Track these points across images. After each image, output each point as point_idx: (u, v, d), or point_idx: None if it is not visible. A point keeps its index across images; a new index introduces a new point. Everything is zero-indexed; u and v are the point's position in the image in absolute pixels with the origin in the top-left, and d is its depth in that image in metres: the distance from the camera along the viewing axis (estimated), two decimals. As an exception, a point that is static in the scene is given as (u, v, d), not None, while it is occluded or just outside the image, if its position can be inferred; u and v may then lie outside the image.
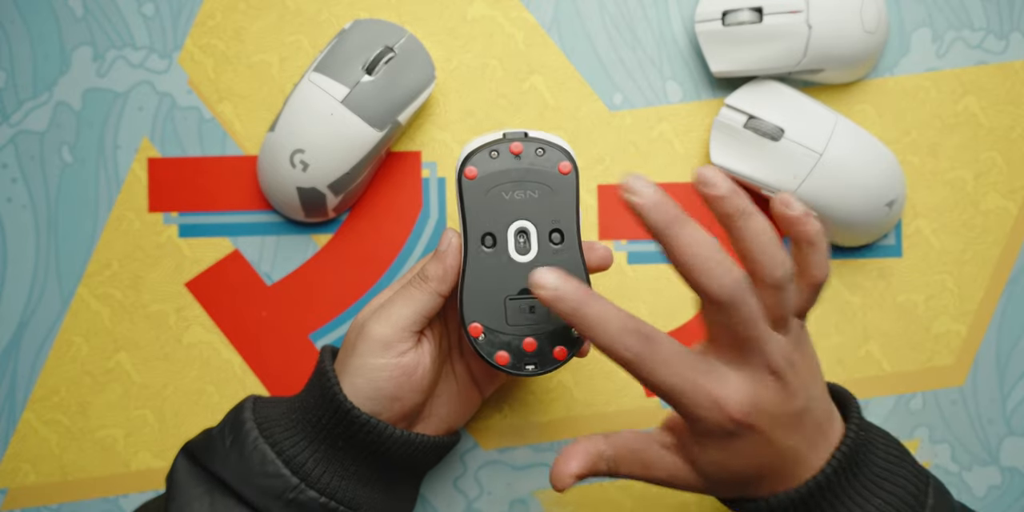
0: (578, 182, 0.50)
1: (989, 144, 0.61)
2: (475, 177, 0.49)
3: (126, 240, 0.61)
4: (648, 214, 0.42)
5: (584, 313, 0.43)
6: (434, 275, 0.51)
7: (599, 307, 0.43)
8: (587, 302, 0.43)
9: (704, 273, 0.42)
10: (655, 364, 0.43)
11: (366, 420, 0.50)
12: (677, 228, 0.42)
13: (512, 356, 0.49)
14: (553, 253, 0.50)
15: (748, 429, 0.44)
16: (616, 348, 0.43)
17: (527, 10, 0.62)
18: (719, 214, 0.43)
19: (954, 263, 0.61)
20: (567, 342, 0.50)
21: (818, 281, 0.46)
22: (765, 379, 0.44)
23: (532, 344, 0.49)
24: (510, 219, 0.50)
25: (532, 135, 0.50)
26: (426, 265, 0.51)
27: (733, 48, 0.58)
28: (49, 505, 0.61)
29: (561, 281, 0.43)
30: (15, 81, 0.62)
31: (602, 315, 0.43)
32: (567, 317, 0.43)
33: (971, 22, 0.61)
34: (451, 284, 0.51)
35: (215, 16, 0.62)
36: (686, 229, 0.42)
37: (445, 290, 0.51)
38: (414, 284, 0.51)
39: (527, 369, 0.50)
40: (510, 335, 0.49)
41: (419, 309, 0.51)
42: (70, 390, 0.61)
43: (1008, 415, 0.61)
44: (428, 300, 0.51)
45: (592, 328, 0.43)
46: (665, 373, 0.43)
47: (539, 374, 0.50)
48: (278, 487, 0.50)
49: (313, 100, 0.57)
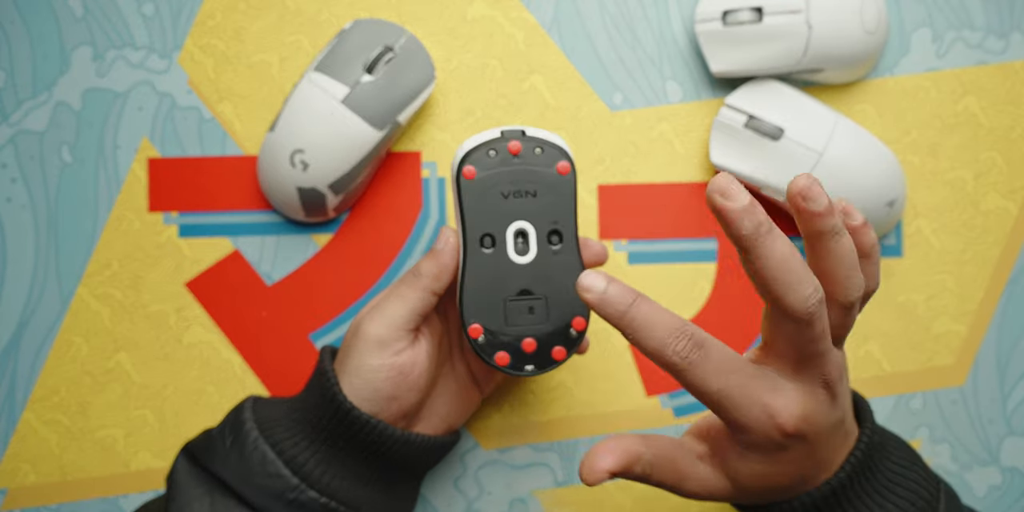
0: (576, 182, 0.50)
1: (989, 144, 0.61)
2: (473, 177, 0.49)
3: (126, 240, 0.61)
4: (740, 221, 0.40)
5: (632, 317, 0.42)
6: (428, 272, 0.51)
7: (647, 309, 0.42)
8: (635, 305, 0.42)
9: (790, 287, 0.41)
10: (706, 371, 0.42)
11: (366, 420, 0.50)
12: (766, 238, 0.40)
13: (512, 356, 0.49)
14: (552, 254, 0.50)
15: (798, 441, 0.43)
16: (665, 353, 0.42)
17: (527, 10, 0.62)
18: (811, 231, 0.41)
19: (954, 263, 0.61)
20: (566, 342, 0.50)
21: (869, 292, 0.46)
22: (818, 392, 0.43)
23: (531, 344, 0.49)
24: (509, 220, 0.49)
25: (530, 133, 0.50)
26: (421, 262, 0.51)
27: (733, 48, 0.58)
28: (49, 505, 0.61)
29: (608, 284, 0.42)
30: (15, 81, 0.62)
31: (650, 318, 0.42)
32: (614, 321, 0.42)
33: (971, 22, 0.62)
34: (446, 282, 0.51)
35: (215, 16, 0.62)
36: (776, 241, 0.40)
37: (439, 288, 0.51)
38: (407, 282, 0.51)
39: (527, 369, 0.50)
40: (509, 336, 0.49)
41: (412, 307, 0.51)
42: (70, 390, 0.61)
43: (1008, 415, 0.61)
44: (421, 298, 0.51)
45: (638, 331, 0.42)
46: (717, 380, 0.42)
47: (538, 374, 0.50)
48: (278, 487, 0.50)
49: (313, 100, 0.57)
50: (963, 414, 0.61)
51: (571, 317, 0.50)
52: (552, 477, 0.61)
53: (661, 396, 0.61)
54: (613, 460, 0.44)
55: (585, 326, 0.50)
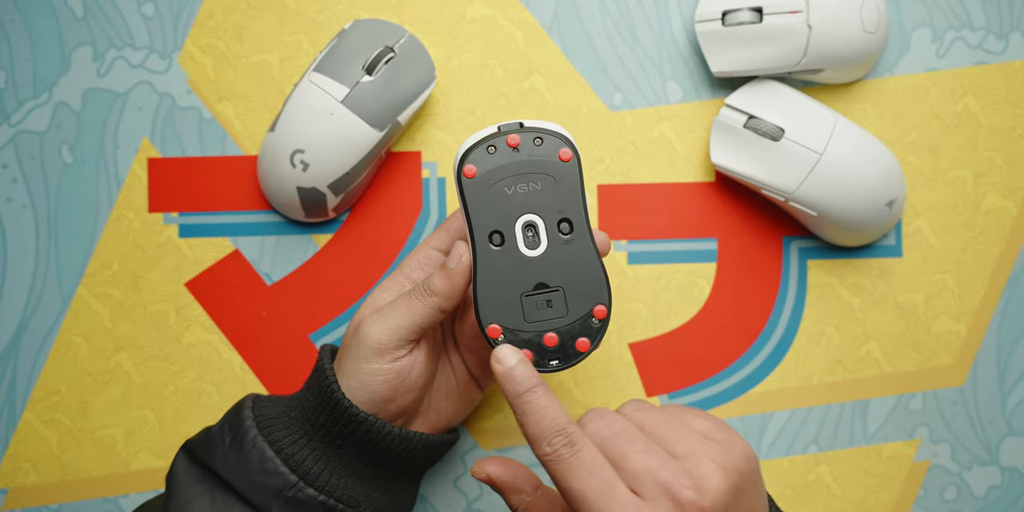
0: (580, 168, 0.49)
1: (989, 144, 0.61)
2: (475, 175, 0.48)
3: (126, 240, 0.61)
4: None
5: (526, 401, 0.45)
6: (440, 292, 0.50)
7: (542, 399, 0.45)
8: (534, 390, 0.45)
9: None
10: (570, 469, 0.44)
11: (364, 418, 0.50)
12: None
13: (535, 353, 0.48)
14: (564, 244, 0.48)
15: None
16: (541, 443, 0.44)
17: (527, 10, 0.62)
18: None
19: (954, 263, 0.61)
20: (588, 333, 0.49)
21: None
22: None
23: (553, 339, 0.48)
24: (516, 214, 0.48)
25: (528, 125, 0.49)
26: (433, 278, 0.50)
27: (733, 48, 0.58)
28: (49, 505, 0.61)
29: (519, 362, 0.46)
30: (15, 81, 0.62)
31: (541, 407, 0.45)
32: (511, 398, 0.46)
33: (971, 22, 0.62)
34: (456, 301, 0.50)
35: (215, 16, 0.62)
36: None
37: (449, 307, 0.50)
38: (418, 295, 0.50)
39: (551, 365, 0.49)
40: (530, 332, 0.48)
41: (419, 321, 0.50)
42: (70, 390, 0.61)
43: (1008, 415, 0.61)
44: (430, 315, 0.50)
45: (527, 415, 0.45)
46: (577, 480, 0.43)
47: (564, 369, 0.49)
48: (277, 485, 0.50)
49: (313, 100, 0.57)
50: (963, 414, 0.61)
51: (592, 306, 0.48)
52: (552, 477, 0.61)
53: (661, 396, 0.61)
54: (501, 472, 0.48)
55: (607, 314, 0.49)
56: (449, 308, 0.50)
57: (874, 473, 0.60)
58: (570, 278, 0.49)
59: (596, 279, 0.49)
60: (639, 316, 0.61)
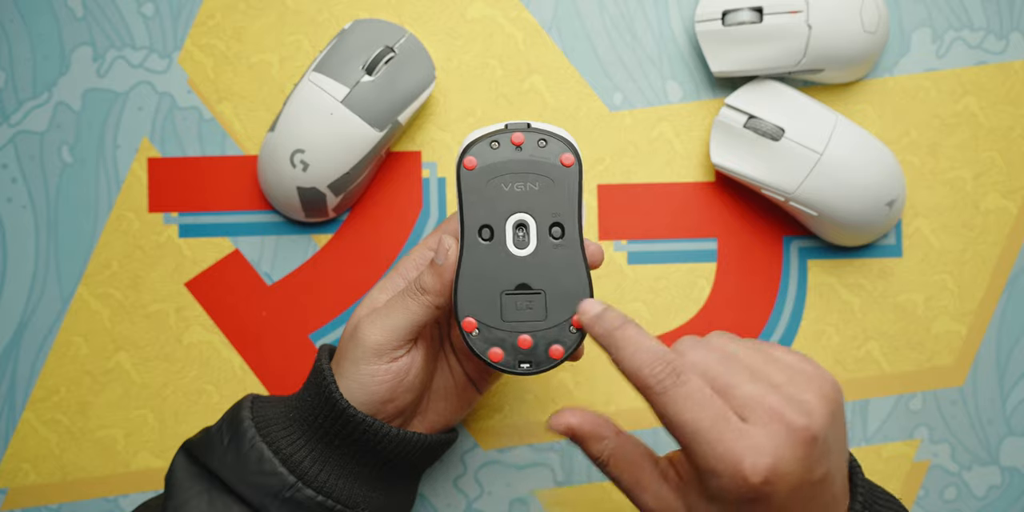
0: (581, 175, 0.48)
1: (989, 144, 0.61)
2: (474, 167, 0.48)
3: (126, 240, 0.61)
4: None
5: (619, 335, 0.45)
6: (432, 289, 0.50)
7: (634, 331, 0.44)
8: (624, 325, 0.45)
9: None
10: (679, 399, 0.42)
11: (362, 419, 0.50)
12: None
13: (506, 353, 0.48)
14: (553, 248, 0.48)
15: (766, 497, 0.42)
16: (642, 373, 0.43)
17: (527, 10, 0.62)
18: None
19: (954, 263, 0.61)
20: (564, 341, 0.48)
21: None
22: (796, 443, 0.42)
23: (527, 341, 0.48)
24: (509, 211, 0.48)
25: (535, 126, 0.49)
26: (423, 276, 0.50)
27: (733, 48, 0.58)
28: (49, 505, 0.61)
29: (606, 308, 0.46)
30: (15, 81, 0.62)
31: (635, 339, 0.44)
32: (603, 339, 0.45)
33: (971, 22, 0.62)
34: (448, 297, 0.50)
35: (215, 16, 0.62)
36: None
37: (442, 303, 0.50)
38: (410, 294, 0.50)
39: (522, 367, 0.48)
40: (505, 331, 0.48)
41: (414, 320, 0.50)
42: (70, 390, 0.61)
43: (1008, 415, 0.61)
44: (424, 312, 0.50)
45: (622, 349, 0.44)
46: (690, 411, 0.42)
47: (534, 373, 0.48)
48: (275, 485, 0.50)
49: (313, 100, 0.57)
50: (963, 414, 0.61)
51: (570, 314, 0.48)
52: (552, 477, 0.61)
53: (661, 396, 0.61)
54: (581, 420, 0.46)
55: None
56: (443, 304, 0.50)
57: (874, 473, 0.60)
58: (554, 283, 0.48)
59: (580, 287, 0.48)
60: (639, 316, 0.61)
